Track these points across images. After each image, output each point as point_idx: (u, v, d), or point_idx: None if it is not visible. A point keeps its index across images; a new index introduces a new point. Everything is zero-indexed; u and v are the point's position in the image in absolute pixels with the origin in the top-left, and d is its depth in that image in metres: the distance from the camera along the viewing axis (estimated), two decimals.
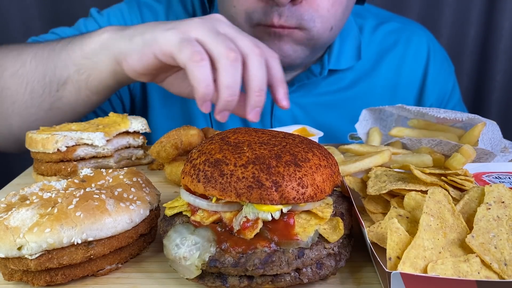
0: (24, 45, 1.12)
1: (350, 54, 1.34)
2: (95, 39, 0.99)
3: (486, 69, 2.14)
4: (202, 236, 0.55)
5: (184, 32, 0.87)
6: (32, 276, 0.58)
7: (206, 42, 0.86)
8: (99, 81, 1.02)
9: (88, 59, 1.00)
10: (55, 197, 0.60)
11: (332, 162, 0.62)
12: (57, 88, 1.04)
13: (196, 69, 0.83)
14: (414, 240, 0.52)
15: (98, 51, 0.98)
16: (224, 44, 0.85)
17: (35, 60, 1.04)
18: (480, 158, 0.84)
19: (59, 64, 1.02)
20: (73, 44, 1.02)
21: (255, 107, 0.89)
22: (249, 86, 0.88)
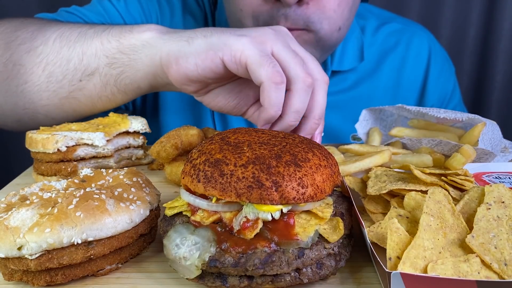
0: (47, 21, 1.01)
1: (352, 55, 1.34)
2: (136, 36, 0.90)
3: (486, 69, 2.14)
4: (202, 236, 0.55)
5: (262, 43, 0.80)
6: (32, 276, 0.58)
7: (283, 59, 0.80)
8: (131, 81, 0.94)
9: (125, 54, 0.91)
10: (55, 197, 0.60)
11: (332, 162, 0.62)
12: (81, 78, 0.94)
13: (274, 90, 0.78)
14: (414, 240, 0.52)
15: (139, 48, 0.90)
16: (302, 67, 0.80)
17: (60, 41, 0.94)
18: (480, 158, 0.84)
19: (89, 52, 0.92)
20: (109, 34, 0.92)
21: (310, 133, 0.86)
22: (311, 113, 0.84)
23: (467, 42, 2.12)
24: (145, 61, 0.90)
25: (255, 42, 0.80)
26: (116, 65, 0.92)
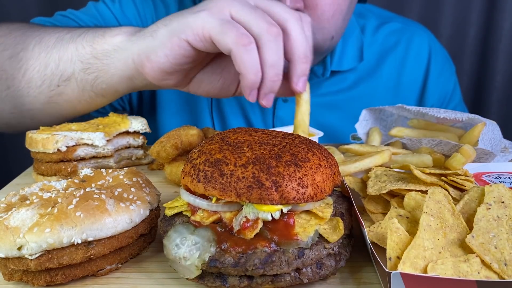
0: (30, 26, 1.02)
1: (352, 55, 1.34)
2: (108, 40, 0.90)
3: (486, 69, 2.14)
4: (202, 236, 0.55)
5: (219, 11, 0.78)
6: (32, 276, 0.58)
7: (244, 19, 0.78)
8: (107, 85, 0.94)
9: (98, 59, 0.91)
10: (55, 197, 0.60)
11: (332, 162, 0.62)
12: (58, 83, 0.94)
13: (245, 53, 0.76)
14: (414, 240, 0.52)
15: (111, 53, 0.90)
16: (264, 19, 0.77)
17: (40, 46, 0.95)
18: (480, 158, 0.84)
19: (65, 57, 0.93)
20: (84, 38, 0.92)
21: (302, 75, 0.82)
22: (293, 55, 0.80)
23: (467, 42, 2.12)
24: (118, 66, 0.90)
25: (213, 13, 0.78)
26: (91, 70, 0.92)
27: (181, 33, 0.79)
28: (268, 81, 0.78)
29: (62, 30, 0.97)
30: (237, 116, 1.36)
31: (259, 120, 1.36)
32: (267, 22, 0.77)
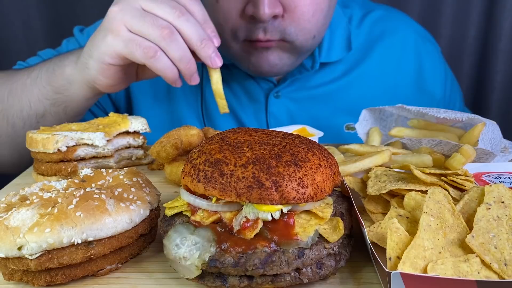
0: (1, 76, 1.15)
1: (340, 46, 1.35)
2: (59, 77, 1.04)
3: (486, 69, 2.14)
4: (202, 236, 0.55)
5: (118, 31, 0.91)
6: (32, 276, 0.58)
7: (139, 31, 0.91)
8: (78, 108, 1.09)
9: (60, 93, 1.05)
10: (55, 197, 0.60)
11: (332, 162, 0.62)
12: (37, 120, 1.09)
13: (156, 62, 0.92)
14: (414, 240, 0.53)
15: (67, 86, 1.04)
16: (154, 26, 0.90)
17: (12, 97, 1.09)
18: (480, 158, 0.84)
19: (33, 99, 1.07)
20: (41, 79, 1.06)
21: (209, 56, 0.96)
22: (192, 46, 0.94)
23: (467, 43, 2.11)
24: (79, 93, 1.05)
25: (114, 35, 0.92)
26: (58, 103, 1.07)
27: (102, 60, 0.96)
28: (184, 70, 0.95)
29: (23, 75, 1.11)
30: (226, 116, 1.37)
31: (251, 118, 1.36)
32: (158, 28, 0.90)
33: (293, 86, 1.35)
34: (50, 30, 2.05)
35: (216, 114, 1.38)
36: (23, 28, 2.02)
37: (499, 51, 2.07)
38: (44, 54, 1.35)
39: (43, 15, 2.02)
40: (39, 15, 2.01)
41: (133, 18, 0.91)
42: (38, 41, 2.05)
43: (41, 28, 2.03)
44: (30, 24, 2.02)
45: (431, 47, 1.48)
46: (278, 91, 1.35)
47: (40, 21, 2.02)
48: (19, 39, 2.03)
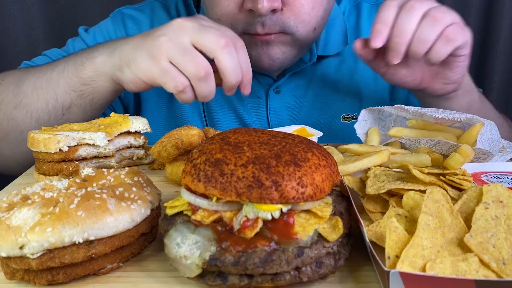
0: (19, 74, 1.16)
1: (337, 40, 1.36)
2: (89, 68, 1.05)
3: (484, 69, 2.14)
4: (202, 235, 0.56)
5: (159, 58, 0.96)
6: (34, 275, 0.58)
7: (178, 64, 0.96)
8: (103, 101, 1.11)
9: (87, 85, 1.06)
10: (57, 197, 0.60)
11: (331, 161, 0.62)
12: (63, 113, 1.10)
13: (182, 96, 0.98)
14: (413, 239, 0.53)
15: (95, 77, 1.05)
16: (192, 64, 0.94)
17: (36, 92, 1.10)
18: (478, 158, 0.84)
19: (60, 92, 1.08)
20: (69, 71, 1.07)
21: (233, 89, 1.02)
22: (223, 84, 1.00)
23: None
24: (106, 85, 1.06)
25: (155, 60, 0.96)
26: (85, 95, 1.08)
27: (137, 75, 1.00)
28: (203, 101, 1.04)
29: (47, 70, 1.12)
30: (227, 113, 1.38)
31: (252, 114, 1.37)
32: (196, 67, 0.94)
33: (292, 81, 1.36)
34: (50, 31, 2.05)
35: (217, 110, 1.39)
36: (24, 28, 2.02)
37: (498, 51, 2.07)
38: (51, 54, 1.35)
39: (44, 16, 2.02)
40: (40, 15, 2.01)
41: (176, 52, 0.95)
42: (39, 41, 2.05)
43: (42, 28, 2.03)
44: (31, 25, 2.02)
45: None
46: (278, 86, 1.36)
47: (41, 22, 2.02)
48: (20, 39, 2.03)
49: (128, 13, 1.41)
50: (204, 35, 0.96)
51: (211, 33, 0.96)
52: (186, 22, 0.99)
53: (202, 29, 0.97)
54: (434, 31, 0.92)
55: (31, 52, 2.05)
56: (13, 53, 2.05)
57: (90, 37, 1.38)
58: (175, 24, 0.99)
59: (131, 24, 1.39)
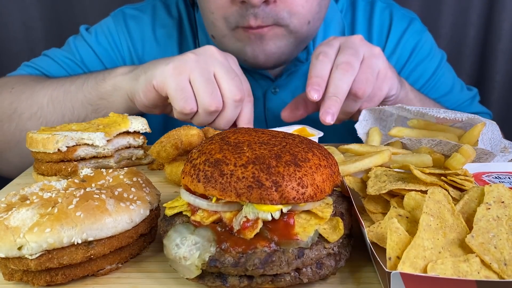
0: (31, 84, 1.17)
1: None
2: (109, 82, 1.09)
3: (485, 69, 2.14)
4: (202, 236, 0.55)
5: (180, 73, 0.97)
6: (32, 276, 0.58)
7: (195, 88, 0.98)
8: None
9: (103, 99, 1.10)
10: (55, 197, 0.60)
11: (332, 162, 0.62)
12: None
13: (182, 117, 1.03)
14: (414, 240, 0.53)
15: (112, 92, 1.09)
16: (210, 97, 0.97)
17: (52, 103, 1.12)
18: (480, 158, 0.84)
19: (77, 105, 1.11)
20: (88, 85, 1.11)
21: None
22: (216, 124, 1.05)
23: (466, 43, 2.12)
24: (120, 100, 1.10)
25: (175, 73, 0.97)
26: (100, 109, 1.12)
27: (151, 80, 1.00)
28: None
29: (65, 83, 1.14)
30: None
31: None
32: (212, 101, 0.97)
33: (290, 81, 1.35)
34: (50, 30, 2.05)
35: None
36: (23, 28, 2.02)
37: (499, 51, 2.07)
38: (51, 54, 1.36)
39: (43, 15, 2.02)
40: (39, 15, 2.01)
41: (200, 76, 0.97)
42: (38, 41, 2.05)
43: (41, 28, 2.03)
44: (30, 24, 2.02)
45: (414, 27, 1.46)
46: (276, 87, 1.35)
47: (40, 21, 2.02)
48: (19, 39, 2.03)
49: (129, 13, 1.41)
50: (228, 80, 0.99)
51: (235, 81, 0.99)
52: (218, 54, 1.02)
53: (230, 71, 1.00)
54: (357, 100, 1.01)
55: (29, 51, 2.05)
56: (12, 52, 2.05)
57: (92, 36, 1.38)
58: (208, 50, 1.02)
59: (133, 23, 1.39)
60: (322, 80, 0.98)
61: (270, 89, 1.35)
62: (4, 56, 2.05)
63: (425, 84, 1.42)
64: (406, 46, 1.42)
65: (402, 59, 1.42)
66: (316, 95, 0.97)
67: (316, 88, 0.97)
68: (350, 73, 0.97)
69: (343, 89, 0.97)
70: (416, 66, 1.43)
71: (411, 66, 1.43)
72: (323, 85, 0.98)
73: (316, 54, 1.02)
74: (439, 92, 1.42)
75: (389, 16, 1.42)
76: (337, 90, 0.97)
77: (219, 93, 0.99)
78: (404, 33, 1.42)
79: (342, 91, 0.97)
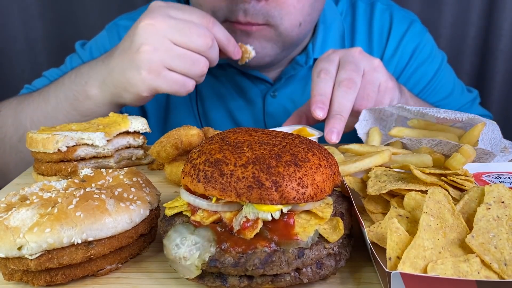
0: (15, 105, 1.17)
1: (334, 42, 1.35)
2: (87, 102, 1.08)
3: (485, 69, 2.14)
4: (202, 236, 0.55)
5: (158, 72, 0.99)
6: (32, 276, 0.58)
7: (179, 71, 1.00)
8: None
9: (88, 116, 1.10)
10: (55, 197, 0.60)
11: (332, 162, 0.62)
12: None
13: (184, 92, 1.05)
14: (414, 240, 0.53)
15: (95, 108, 1.09)
16: (195, 67, 1.00)
17: (35, 126, 1.13)
18: (480, 158, 0.84)
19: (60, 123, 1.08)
20: (64, 106, 1.10)
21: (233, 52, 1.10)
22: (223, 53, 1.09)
23: (467, 42, 2.12)
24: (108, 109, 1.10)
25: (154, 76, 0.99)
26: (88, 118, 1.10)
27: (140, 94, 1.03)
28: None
29: (39, 103, 1.13)
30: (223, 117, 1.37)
31: (249, 119, 1.37)
32: (198, 68, 1.00)
33: (289, 85, 1.35)
34: (49, 30, 2.05)
35: (213, 115, 1.38)
36: (23, 28, 2.02)
37: (499, 51, 2.07)
38: (49, 75, 1.36)
39: (43, 15, 2.02)
40: (39, 14, 2.01)
41: (172, 59, 0.99)
42: (38, 40, 2.05)
43: (41, 28, 2.03)
44: (30, 24, 2.02)
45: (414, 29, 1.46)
46: (275, 91, 1.35)
47: (40, 21, 2.02)
48: (19, 39, 2.03)
49: (123, 24, 1.40)
50: (189, 40, 0.98)
51: (192, 33, 0.99)
52: (157, 22, 0.99)
53: (179, 29, 0.99)
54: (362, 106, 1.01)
55: (29, 50, 2.05)
56: (12, 52, 2.05)
57: (87, 53, 1.38)
58: (147, 28, 0.99)
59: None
60: (326, 98, 0.98)
61: (269, 93, 1.35)
62: (4, 56, 2.05)
63: (425, 87, 1.42)
64: (407, 49, 1.42)
65: (402, 62, 1.42)
66: (321, 113, 0.97)
67: (320, 107, 0.97)
68: (353, 90, 0.98)
69: (346, 107, 0.97)
70: (417, 69, 1.42)
71: (411, 69, 1.42)
72: (327, 102, 0.98)
73: (317, 72, 1.01)
74: (439, 94, 1.42)
75: (389, 18, 1.42)
76: (341, 108, 0.97)
77: (197, 55, 1.00)
78: (404, 35, 1.42)
79: (345, 109, 0.97)
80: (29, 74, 2.08)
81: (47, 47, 2.06)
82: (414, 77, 1.42)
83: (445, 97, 1.42)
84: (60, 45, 1.90)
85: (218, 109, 1.38)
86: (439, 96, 1.41)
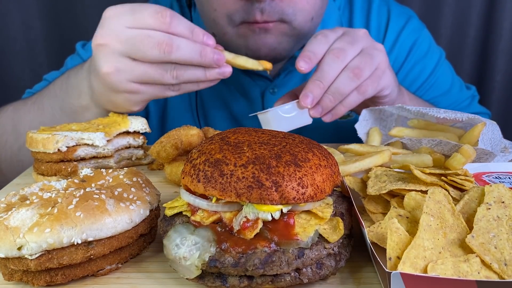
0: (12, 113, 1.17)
1: None
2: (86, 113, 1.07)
3: (486, 69, 2.14)
4: (202, 236, 0.55)
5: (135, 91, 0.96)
6: (32, 276, 0.58)
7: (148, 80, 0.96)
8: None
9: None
10: (55, 197, 0.60)
11: (332, 162, 0.62)
12: None
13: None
14: (414, 240, 0.52)
15: (96, 117, 1.06)
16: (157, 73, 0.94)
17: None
18: (480, 158, 0.84)
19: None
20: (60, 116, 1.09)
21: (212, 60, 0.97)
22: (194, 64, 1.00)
23: (467, 42, 2.12)
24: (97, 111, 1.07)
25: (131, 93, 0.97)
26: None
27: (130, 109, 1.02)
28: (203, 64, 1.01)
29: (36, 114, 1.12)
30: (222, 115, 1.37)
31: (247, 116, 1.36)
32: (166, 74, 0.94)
33: (288, 80, 1.35)
34: (49, 30, 2.05)
35: (212, 113, 1.38)
36: (23, 27, 2.02)
37: (499, 51, 2.07)
38: (50, 77, 1.35)
39: (43, 15, 2.02)
40: (39, 14, 2.01)
41: (140, 75, 0.93)
42: (37, 40, 2.05)
43: (41, 27, 2.03)
44: (30, 24, 2.02)
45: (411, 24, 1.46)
46: (274, 87, 1.35)
47: (40, 21, 2.02)
48: (19, 38, 2.03)
49: None
50: (141, 53, 0.91)
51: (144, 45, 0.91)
52: (109, 41, 0.92)
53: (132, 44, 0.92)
54: (350, 86, 0.96)
55: (29, 50, 2.05)
56: (12, 51, 2.05)
57: (88, 53, 1.37)
58: (101, 50, 0.93)
59: None
60: (314, 56, 0.95)
61: (268, 89, 1.35)
62: (4, 55, 2.06)
63: (424, 83, 1.42)
64: (404, 44, 1.41)
65: (400, 57, 1.42)
66: (305, 66, 0.93)
67: (306, 60, 0.94)
68: (341, 60, 0.94)
69: (329, 75, 0.93)
70: (415, 64, 1.42)
71: (409, 65, 1.42)
72: (315, 61, 0.95)
73: (315, 34, 1.00)
74: (438, 90, 1.42)
75: (387, 14, 1.42)
76: (322, 74, 0.94)
77: (162, 64, 0.94)
78: (402, 30, 1.41)
79: (327, 76, 0.93)
80: (29, 74, 2.08)
81: (47, 48, 2.06)
82: (412, 73, 1.42)
83: (443, 93, 1.42)
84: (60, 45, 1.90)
85: (218, 107, 1.38)
86: (437, 92, 1.41)
